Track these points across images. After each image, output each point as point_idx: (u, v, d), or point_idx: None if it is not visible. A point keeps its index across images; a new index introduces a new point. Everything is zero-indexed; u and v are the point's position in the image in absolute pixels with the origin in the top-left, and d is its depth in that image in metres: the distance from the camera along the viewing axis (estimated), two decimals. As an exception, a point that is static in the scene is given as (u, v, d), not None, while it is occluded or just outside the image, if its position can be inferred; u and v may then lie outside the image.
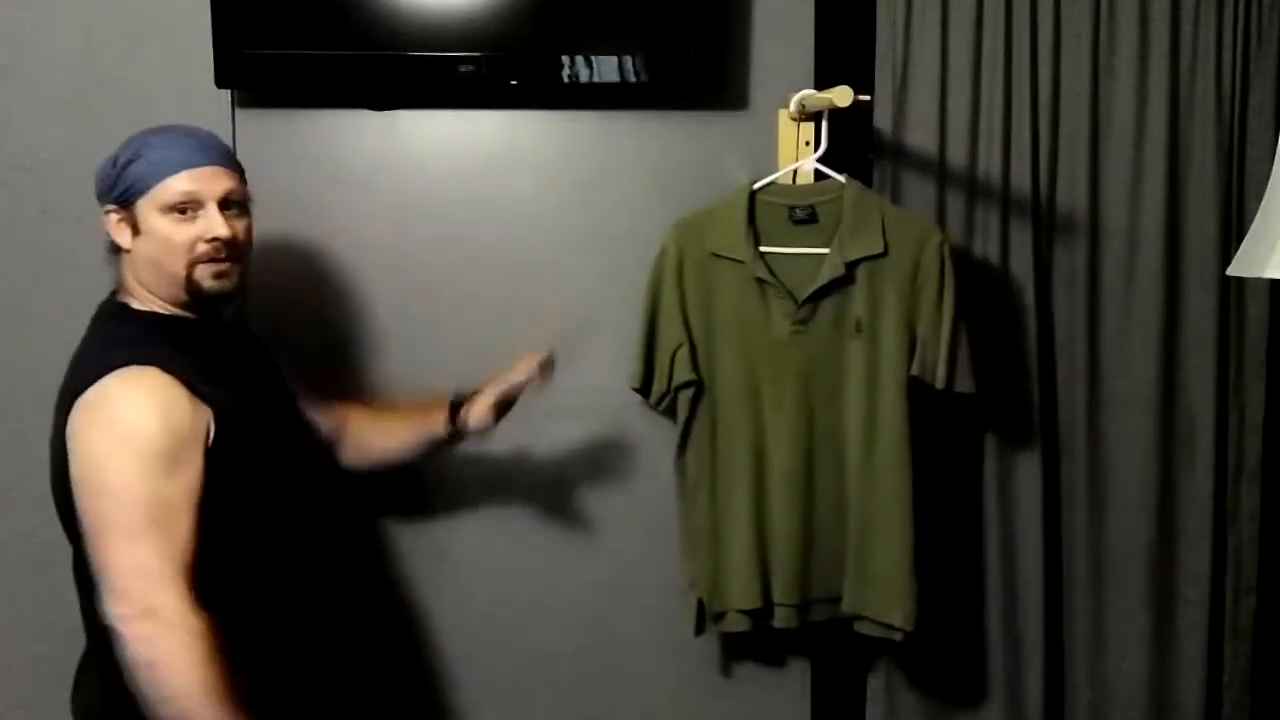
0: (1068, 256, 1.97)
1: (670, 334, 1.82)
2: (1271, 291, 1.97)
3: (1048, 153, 1.95)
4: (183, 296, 1.47)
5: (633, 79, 1.84)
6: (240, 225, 1.50)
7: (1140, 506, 1.99)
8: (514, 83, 1.85)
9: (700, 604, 1.88)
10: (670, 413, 1.89)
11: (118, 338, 1.44)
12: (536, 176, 1.97)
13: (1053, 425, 1.99)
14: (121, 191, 1.46)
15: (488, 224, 1.97)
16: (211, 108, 1.90)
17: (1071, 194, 1.96)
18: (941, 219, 1.93)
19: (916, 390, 1.78)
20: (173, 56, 1.90)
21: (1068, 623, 2.03)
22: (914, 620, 1.77)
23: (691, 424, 1.85)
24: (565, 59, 1.83)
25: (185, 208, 1.45)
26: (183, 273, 1.45)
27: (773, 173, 1.84)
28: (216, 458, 1.39)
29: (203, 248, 1.45)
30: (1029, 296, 1.95)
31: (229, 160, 1.51)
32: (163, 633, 1.31)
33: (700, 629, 1.89)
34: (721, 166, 1.95)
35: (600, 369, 1.98)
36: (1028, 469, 1.98)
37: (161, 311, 1.48)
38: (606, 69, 1.84)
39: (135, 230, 1.46)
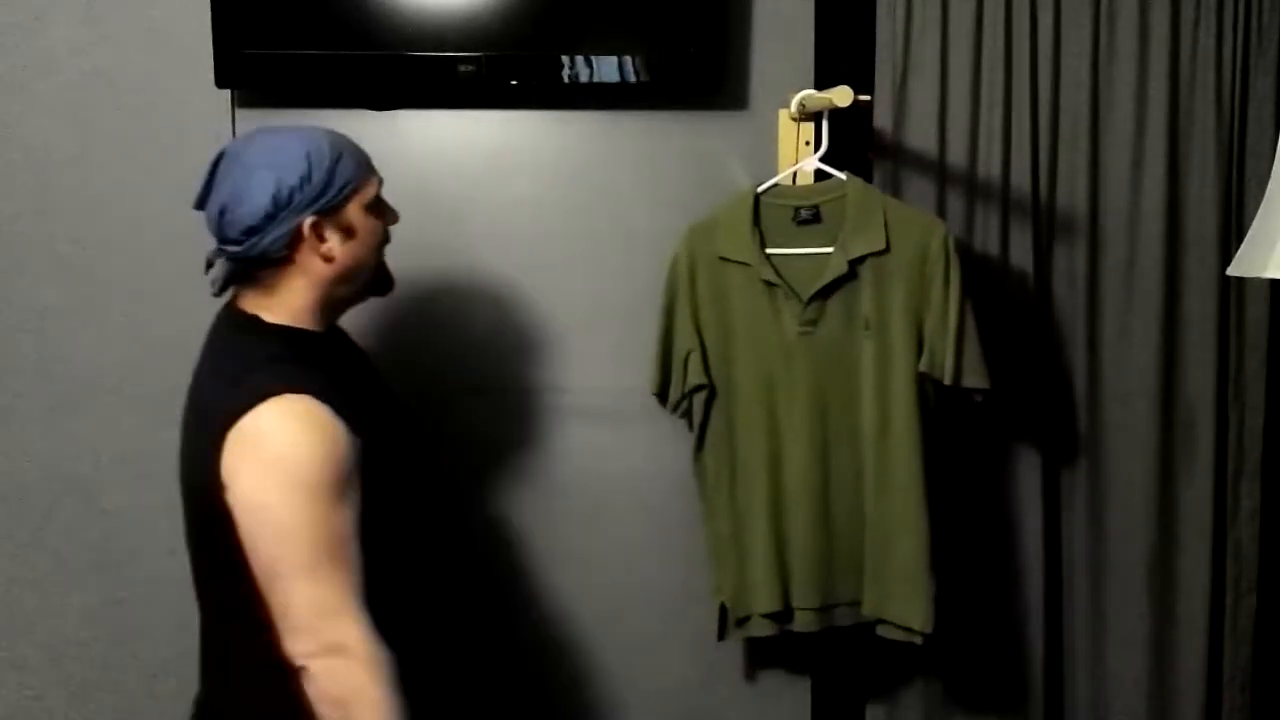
0: (1068, 256, 1.97)
1: (683, 339, 1.82)
2: (1271, 291, 1.97)
3: (1048, 152, 1.95)
4: (353, 295, 1.46)
5: (633, 79, 1.84)
6: None
7: (1140, 506, 1.99)
8: (514, 83, 1.85)
9: (722, 609, 1.86)
10: (687, 418, 1.88)
11: (259, 357, 1.36)
12: (536, 176, 1.97)
13: (1052, 425, 1.99)
14: (334, 195, 1.37)
15: (488, 224, 1.97)
16: (211, 108, 1.91)
17: (1071, 194, 1.96)
18: (941, 218, 1.93)
19: (936, 389, 1.78)
20: (173, 56, 1.91)
21: (1068, 622, 2.03)
22: (931, 622, 1.76)
23: (707, 427, 1.84)
24: (565, 59, 1.83)
25: (380, 200, 1.45)
26: (375, 265, 1.46)
27: (773, 172, 1.84)
28: (363, 483, 1.35)
29: (388, 237, 1.48)
30: (1029, 297, 1.95)
31: None
32: (352, 667, 1.29)
33: (723, 634, 1.87)
34: (724, 168, 1.96)
35: (603, 368, 1.98)
36: (1027, 469, 1.98)
37: (295, 326, 1.41)
38: (606, 69, 1.84)
39: (347, 234, 1.39)
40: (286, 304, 1.40)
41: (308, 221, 1.35)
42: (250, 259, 1.37)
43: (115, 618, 2.00)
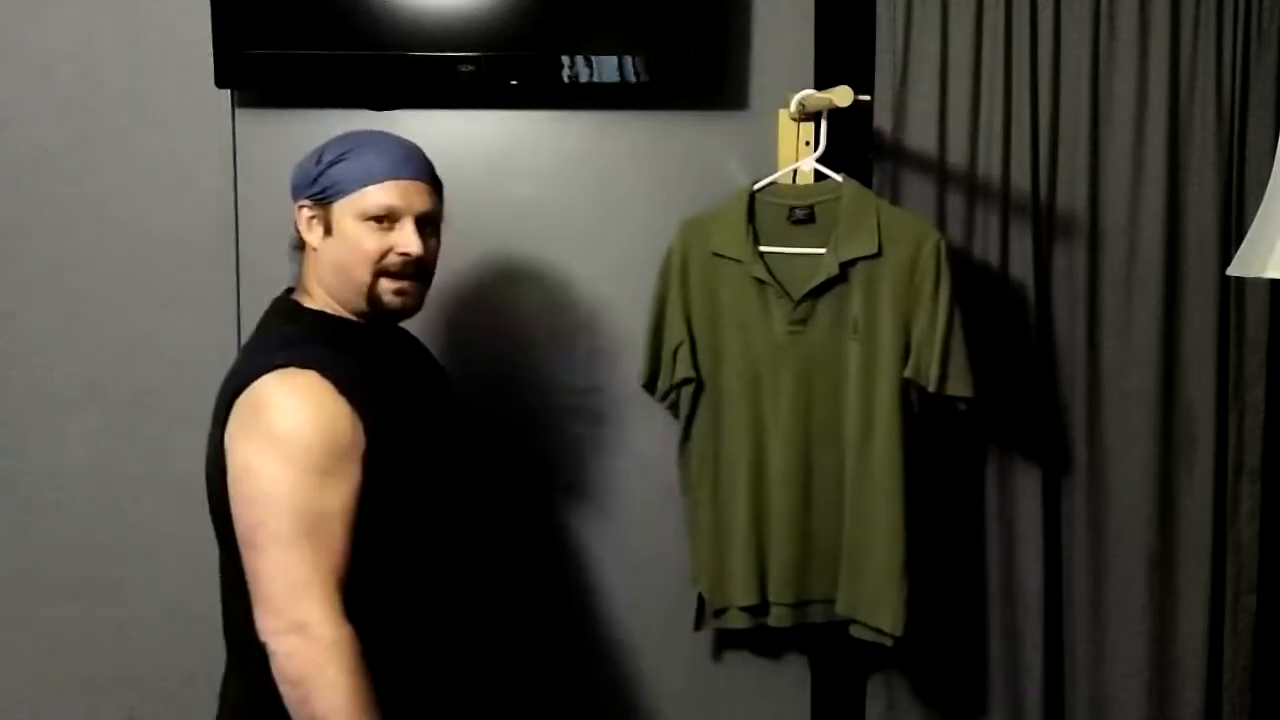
0: (1068, 256, 1.97)
1: (673, 332, 1.83)
2: (1271, 291, 1.97)
3: (1048, 153, 1.95)
4: (362, 306, 1.43)
5: (633, 79, 1.85)
6: (432, 244, 1.47)
7: (1140, 506, 1.98)
8: (514, 83, 1.85)
9: (700, 600, 1.89)
10: (675, 410, 1.89)
11: (283, 336, 1.41)
12: (536, 176, 1.97)
13: (1052, 426, 1.99)
14: (322, 189, 1.42)
15: (488, 224, 1.97)
16: (211, 108, 1.91)
17: (1071, 194, 1.96)
18: (941, 219, 1.93)
19: (921, 395, 1.78)
20: (173, 56, 1.91)
21: (1068, 623, 2.03)
22: (902, 625, 1.76)
23: (693, 421, 1.86)
24: (565, 59, 1.83)
25: (384, 218, 1.41)
26: (367, 282, 1.42)
27: (773, 173, 1.84)
28: (370, 472, 1.34)
29: (392, 259, 1.42)
30: (1029, 297, 1.95)
31: (433, 177, 1.48)
32: (311, 647, 1.27)
33: (699, 624, 1.90)
34: (722, 167, 1.96)
35: (602, 367, 1.98)
36: (1027, 470, 1.97)
37: (331, 312, 1.44)
38: (606, 69, 1.84)
39: (327, 230, 1.43)
40: (309, 289, 1.46)
41: (298, 205, 1.45)
42: (294, 237, 1.48)
43: (121, 622, 2.00)
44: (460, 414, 1.61)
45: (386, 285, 1.43)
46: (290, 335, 1.40)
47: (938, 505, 1.93)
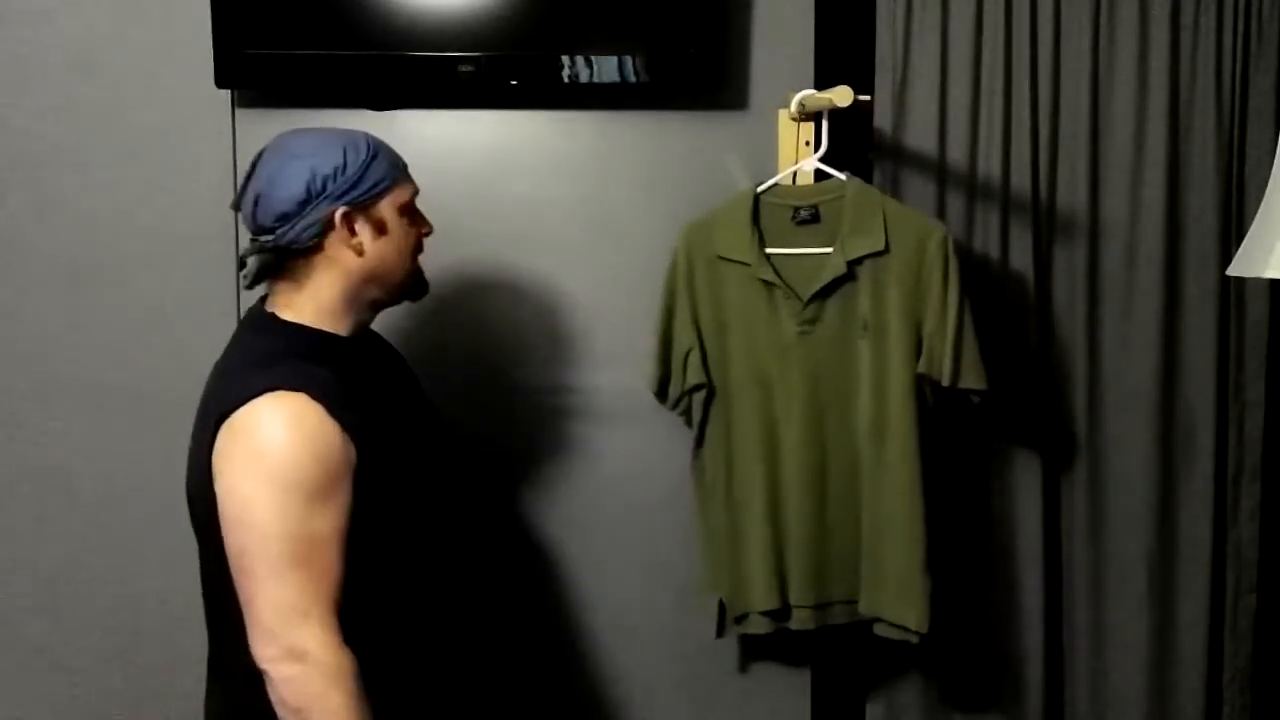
0: (1067, 256, 1.97)
1: (683, 337, 1.81)
2: (1271, 291, 1.97)
3: (1048, 153, 1.95)
4: (400, 295, 1.48)
5: (633, 79, 1.85)
6: None
7: (1140, 506, 1.99)
8: (514, 83, 1.85)
9: (721, 606, 1.86)
10: (687, 417, 1.87)
11: (265, 353, 1.37)
12: (536, 176, 1.97)
13: (1052, 426, 1.99)
14: (367, 189, 1.39)
15: (487, 224, 1.97)
16: (211, 108, 1.91)
17: (1071, 193, 1.96)
18: (941, 218, 1.93)
19: (934, 389, 1.77)
20: (173, 56, 1.91)
21: (1068, 622, 2.03)
22: (928, 622, 1.76)
23: (706, 426, 1.84)
24: (565, 59, 1.83)
25: (414, 206, 1.47)
26: (411, 269, 1.47)
27: (773, 172, 1.84)
28: (360, 487, 1.33)
29: (420, 245, 1.49)
30: (1029, 297, 1.95)
31: None
32: (310, 674, 1.26)
33: (721, 632, 1.87)
34: (723, 167, 1.96)
35: (602, 368, 1.98)
36: (1027, 470, 1.97)
37: (311, 325, 1.41)
38: (606, 69, 1.84)
39: (379, 230, 1.41)
40: (313, 298, 1.40)
41: (339, 211, 1.36)
42: (281, 248, 1.37)
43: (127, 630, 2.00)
44: (436, 416, 1.61)
45: (416, 265, 1.49)
46: (272, 352, 1.36)
47: (938, 506, 1.93)
